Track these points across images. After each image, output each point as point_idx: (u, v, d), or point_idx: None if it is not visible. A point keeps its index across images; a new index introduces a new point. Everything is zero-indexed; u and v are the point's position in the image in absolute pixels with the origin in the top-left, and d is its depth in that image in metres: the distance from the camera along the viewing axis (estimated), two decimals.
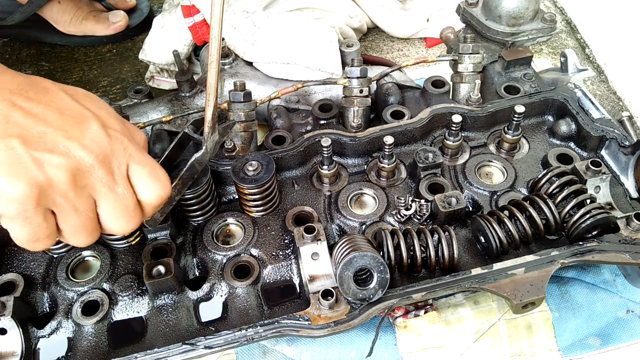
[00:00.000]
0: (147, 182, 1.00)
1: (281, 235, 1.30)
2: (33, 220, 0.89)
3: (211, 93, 1.15)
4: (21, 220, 0.88)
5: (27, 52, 2.26)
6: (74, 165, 0.90)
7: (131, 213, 0.99)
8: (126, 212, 0.98)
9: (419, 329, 1.20)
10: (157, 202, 1.03)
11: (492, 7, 1.58)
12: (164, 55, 1.85)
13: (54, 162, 0.88)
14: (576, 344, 1.22)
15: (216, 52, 1.12)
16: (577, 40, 2.12)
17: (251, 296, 1.21)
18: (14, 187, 0.85)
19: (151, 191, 1.00)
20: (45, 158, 0.88)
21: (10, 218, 0.88)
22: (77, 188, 0.91)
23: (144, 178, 0.99)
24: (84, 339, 1.17)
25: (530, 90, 1.52)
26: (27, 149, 0.86)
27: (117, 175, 0.96)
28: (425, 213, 1.28)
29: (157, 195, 1.01)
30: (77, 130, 0.92)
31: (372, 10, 2.02)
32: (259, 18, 1.71)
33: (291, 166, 1.41)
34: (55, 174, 0.88)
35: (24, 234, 0.91)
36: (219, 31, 1.11)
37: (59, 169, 0.89)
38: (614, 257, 1.13)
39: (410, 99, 1.64)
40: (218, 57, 1.13)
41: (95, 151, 0.92)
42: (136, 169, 0.99)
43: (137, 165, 0.99)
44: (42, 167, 0.87)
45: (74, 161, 0.90)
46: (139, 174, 0.99)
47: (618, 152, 1.35)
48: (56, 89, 0.96)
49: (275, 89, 1.60)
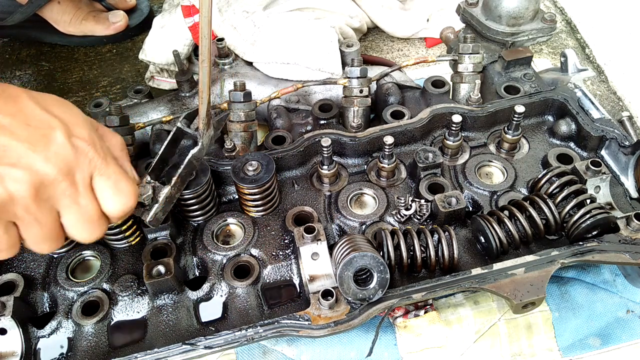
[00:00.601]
0: (110, 194, 1.00)
1: (281, 235, 1.30)
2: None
3: (204, 90, 1.16)
4: None
5: (27, 52, 2.26)
6: (37, 179, 0.90)
7: (95, 223, 1.00)
8: (89, 223, 0.99)
9: (419, 329, 1.20)
10: (120, 213, 1.03)
11: (492, 7, 1.58)
12: (164, 55, 1.85)
13: (15, 177, 0.88)
14: (576, 344, 1.22)
15: (207, 51, 1.13)
16: (577, 40, 2.12)
17: (251, 296, 1.21)
18: None
19: (114, 202, 1.01)
20: (6, 172, 0.88)
21: None
22: (39, 201, 0.91)
23: (107, 190, 1.00)
24: (84, 339, 1.17)
25: (530, 90, 1.52)
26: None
27: (80, 187, 0.96)
28: (425, 213, 1.28)
29: (121, 206, 1.02)
30: (42, 142, 0.92)
31: (372, 10, 2.02)
32: (259, 18, 1.71)
33: (291, 166, 1.41)
34: (16, 188, 0.88)
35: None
36: (208, 30, 1.11)
37: (21, 184, 0.88)
38: (614, 257, 1.13)
39: (410, 99, 1.64)
40: (209, 56, 1.14)
41: (59, 164, 0.92)
42: (99, 180, 0.99)
43: (101, 177, 0.99)
44: (3, 181, 0.87)
45: (36, 175, 0.90)
46: (103, 186, 0.99)
47: (618, 152, 1.35)
48: (25, 98, 0.95)
49: (275, 89, 1.60)
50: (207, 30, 1.11)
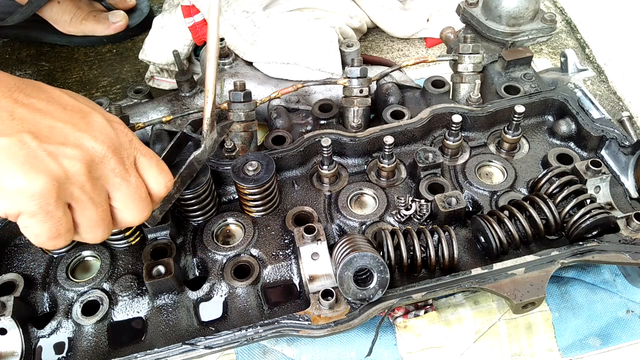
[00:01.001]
0: (154, 172, 1.02)
1: (281, 235, 1.30)
2: (54, 215, 0.88)
3: (210, 90, 1.16)
4: (42, 215, 0.87)
5: (27, 52, 2.26)
6: (88, 156, 0.90)
7: (143, 202, 1.01)
8: (139, 202, 1.00)
9: (419, 329, 1.20)
10: (164, 192, 1.05)
11: (492, 7, 1.58)
12: (164, 55, 1.85)
13: (68, 154, 0.88)
14: (576, 344, 1.22)
15: (214, 50, 1.13)
16: (577, 40, 2.12)
17: (251, 296, 1.21)
18: (33, 182, 0.84)
19: (159, 182, 1.03)
20: (60, 151, 0.87)
21: (31, 214, 0.86)
22: (92, 179, 0.91)
23: (152, 168, 1.01)
24: (84, 339, 1.17)
25: (530, 90, 1.52)
26: (40, 143, 0.86)
27: (127, 166, 0.97)
28: (425, 213, 1.28)
29: (164, 185, 1.04)
30: (84, 123, 0.92)
31: (372, 10, 2.02)
32: (259, 18, 1.71)
33: (291, 166, 1.41)
34: (71, 166, 0.88)
35: (45, 231, 0.89)
36: (216, 30, 1.11)
37: (75, 161, 0.88)
38: (614, 257, 1.13)
39: (410, 99, 1.64)
40: (216, 55, 1.14)
41: (106, 142, 0.93)
42: (143, 160, 1.00)
43: (145, 158, 1.00)
44: (58, 159, 0.87)
45: (87, 152, 0.90)
46: (147, 165, 1.01)
47: (618, 152, 1.35)
48: (51, 88, 0.96)
49: (275, 89, 1.60)
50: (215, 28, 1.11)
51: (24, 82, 0.92)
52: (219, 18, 1.12)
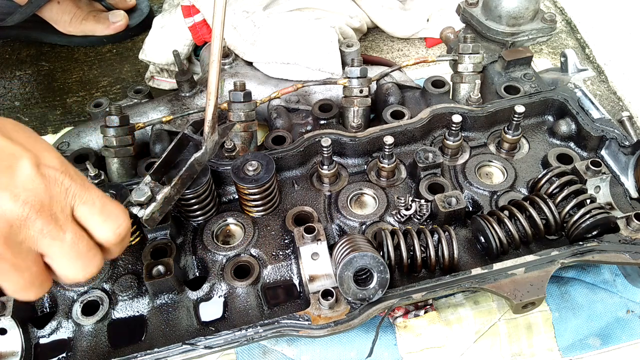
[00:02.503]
0: (99, 222, 0.89)
1: (281, 235, 1.30)
2: None
3: (212, 92, 1.16)
4: None
5: (27, 52, 2.26)
6: (5, 221, 0.79)
7: (85, 257, 0.88)
8: (80, 258, 0.87)
9: (419, 329, 1.20)
10: (117, 238, 0.91)
11: (492, 7, 1.58)
12: (164, 55, 1.85)
13: None
14: (576, 344, 1.22)
15: (217, 52, 1.12)
16: (577, 40, 2.12)
17: (251, 296, 1.21)
18: None
19: (106, 230, 0.90)
20: None
21: None
22: (12, 245, 0.80)
23: (95, 217, 0.88)
24: (84, 339, 1.17)
25: (530, 90, 1.52)
26: None
27: (61, 222, 0.84)
28: (425, 213, 1.28)
29: (113, 232, 0.90)
30: (7, 175, 0.80)
31: (372, 10, 2.02)
32: (259, 18, 1.71)
33: (291, 166, 1.41)
34: None
35: None
36: (220, 31, 1.11)
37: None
38: (614, 257, 1.13)
39: (410, 99, 1.64)
40: (219, 56, 1.13)
41: (30, 200, 0.80)
42: (84, 210, 0.87)
43: (85, 206, 0.87)
44: None
45: (3, 217, 0.79)
46: (89, 215, 0.88)
47: (618, 152, 1.35)
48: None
49: (275, 89, 1.60)
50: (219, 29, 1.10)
51: None
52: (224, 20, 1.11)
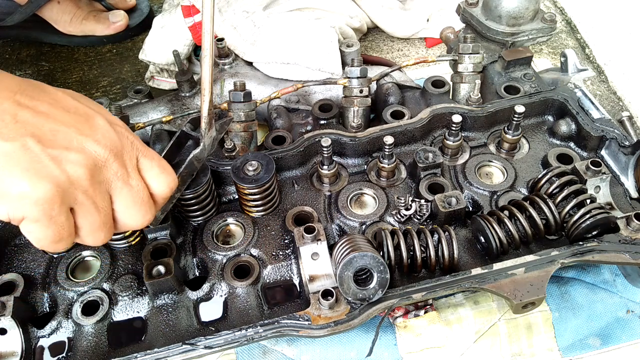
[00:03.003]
0: (157, 174, 1.01)
1: (281, 235, 1.30)
2: (57, 221, 0.87)
3: (206, 89, 1.16)
4: (45, 221, 0.86)
5: (27, 52, 2.26)
6: (91, 160, 0.90)
7: (145, 205, 1.00)
8: (141, 205, 0.99)
9: (419, 329, 1.20)
10: (167, 193, 1.04)
11: (492, 7, 1.58)
12: (164, 55, 1.85)
13: (71, 159, 0.87)
14: (576, 344, 1.22)
15: (209, 47, 1.13)
16: (577, 40, 2.12)
17: (251, 296, 1.21)
18: (37, 188, 0.83)
19: (162, 183, 1.02)
20: (63, 155, 0.87)
21: (34, 220, 0.86)
22: (95, 184, 0.91)
23: (154, 170, 1.01)
24: (84, 339, 1.17)
25: (530, 90, 1.52)
26: (43, 148, 0.85)
27: (129, 169, 0.96)
28: (425, 213, 1.28)
29: (168, 186, 1.03)
30: (87, 126, 0.92)
31: (372, 10, 2.02)
32: (259, 18, 1.71)
33: (291, 166, 1.41)
34: (74, 170, 0.87)
35: (47, 235, 0.88)
36: (210, 27, 1.11)
37: (78, 166, 0.88)
38: (614, 257, 1.13)
39: (410, 99, 1.64)
40: (211, 52, 1.14)
41: (109, 146, 0.93)
42: (146, 162, 1.00)
43: (146, 159, 1.00)
44: (61, 164, 0.86)
45: (90, 157, 0.90)
46: (149, 167, 1.00)
47: (618, 152, 1.35)
48: (54, 90, 0.95)
49: (275, 89, 1.60)
50: (209, 26, 1.11)
51: (27, 83, 0.91)
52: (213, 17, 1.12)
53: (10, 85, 0.88)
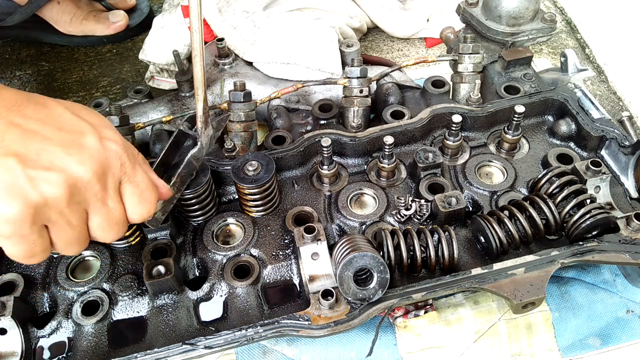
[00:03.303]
0: (135, 201, 1.01)
1: (281, 235, 1.30)
2: (28, 238, 0.89)
3: (199, 88, 1.16)
4: (16, 239, 0.88)
5: (27, 52, 2.26)
6: (71, 181, 0.90)
7: (118, 226, 1.01)
8: (114, 225, 1.00)
9: (419, 329, 1.20)
10: (141, 219, 1.05)
11: (492, 7, 1.58)
12: (164, 55, 1.85)
13: (51, 180, 0.88)
14: (576, 344, 1.22)
15: (199, 46, 1.13)
16: (577, 40, 2.12)
17: (251, 296, 1.21)
18: (8, 207, 0.85)
19: (138, 210, 1.02)
20: (42, 176, 0.87)
21: (6, 237, 0.88)
22: (72, 204, 0.92)
23: (133, 197, 1.01)
24: (84, 339, 1.17)
25: (530, 90, 1.52)
26: (23, 168, 0.86)
27: (110, 191, 0.97)
28: (425, 213, 1.28)
29: (143, 213, 1.03)
30: (76, 145, 0.92)
31: (372, 10, 2.02)
32: (259, 18, 1.71)
33: (291, 166, 1.41)
34: (51, 191, 0.88)
35: (19, 252, 0.91)
36: (199, 25, 1.11)
37: (56, 187, 0.88)
38: (614, 257, 1.13)
39: (410, 99, 1.64)
40: (201, 50, 1.14)
41: (94, 167, 0.92)
42: (128, 187, 1.00)
43: (130, 185, 1.00)
44: (38, 185, 0.87)
45: (70, 177, 0.90)
46: (130, 192, 1.00)
47: (618, 152, 1.35)
48: (54, 104, 0.95)
49: (275, 89, 1.60)
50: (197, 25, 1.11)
51: (24, 98, 0.92)
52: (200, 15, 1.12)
53: (7, 101, 0.89)
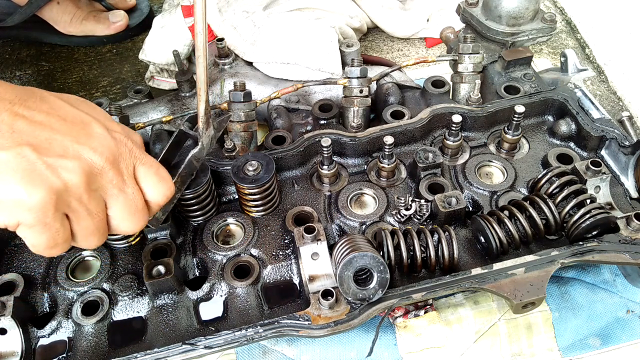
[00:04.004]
0: (153, 182, 1.02)
1: (281, 235, 1.30)
2: (52, 227, 0.89)
3: (202, 88, 1.16)
4: (40, 227, 0.88)
5: (27, 52, 2.26)
6: (87, 168, 0.91)
7: (139, 212, 1.01)
8: (135, 212, 1.00)
9: (419, 329, 1.20)
10: (162, 201, 1.05)
11: (492, 7, 1.58)
12: (164, 55, 1.85)
13: (67, 167, 0.89)
14: (576, 344, 1.22)
15: (202, 48, 1.13)
16: (577, 40, 2.12)
17: (251, 296, 1.21)
18: (32, 194, 0.85)
19: (157, 191, 1.03)
20: (59, 163, 0.88)
21: (29, 226, 0.88)
22: (90, 191, 0.92)
23: (150, 178, 1.02)
24: (84, 339, 1.17)
25: (530, 90, 1.52)
26: (39, 156, 0.86)
27: (125, 176, 0.98)
28: (425, 213, 1.28)
29: (163, 194, 1.04)
30: (84, 134, 0.93)
31: (372, 10, 2.02)
32: (259, 18, 1.71)
33: (291, 166, 1.41)
34: (70, 178, 0.89)
35: (42, 241, 0.90)
36: (203, 27, 1.12)
37: (73, 173, 0.89)
38: (614, 257, 1.13)
39: (410, 99, 1.64)
40: (205, 52, 1.14)
41: (105, 153, 0.94)
42: (142, 170, 1.01)
43: (144, 167, 1.01)
44: (57, 172, 0.88)
45: (86, 164, 0.91)
46: (146, 175, 1.01)
47: (618, 152, 1.35)
48: (53, 98, 0.96)
49: (275, 89, 1.60)
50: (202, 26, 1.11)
51: (25, 92, 0.92)
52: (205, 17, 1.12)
53: (8, 95, 0.89)
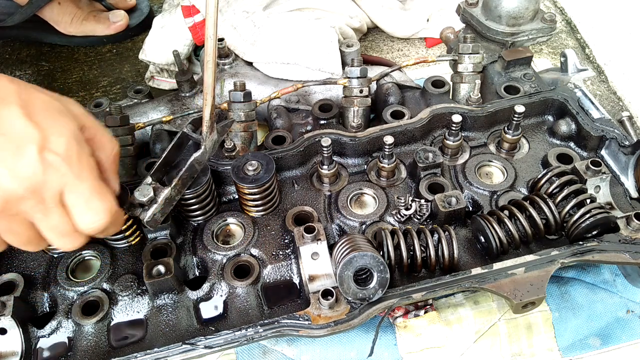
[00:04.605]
0: (81, 210, 0.96)
1: (281, 235, 1.30)
2: None
3: (208, 92, 1.16)
4: None
5: (27, 52, 2.26)
6: (2, 195, 0.89)
7: (70, 236, 0.98)
8: (63, 236, 0.98)
9: (419, 329, 1.20)
10: (93, 230, 0.99)
11: (492, 7, 1.58)
12: (164, 55, 1.85)
13: None
14: (576, 344, 1.22)
15: (212, 52, 1.13)
16: (577, 40, 2.12)
17: (251, 296, 1.21)
18: None
19: (86, 219, 0.97)
20: None
21: None
22: (7, 215, 0.91)
23: (78, 207, 0.96)
24: (84, 339, 1.17)
25: (530, 90, 1.52)
26: None
27: (49, 204, 0.93)
28: (425, 213, 1.28)
29: (93, 223, 0.98)
30: (12, 156, 0.89)
31: (372, 10, 2.02)
32: (259, 18, 1.71)
33: (291, 166, 1.41)
34: None
35: None
36: (214, 31, 1.11)
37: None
38: (614, 257, 1.13)
39: (410, 99, 1.64)
40: (214, 56, 1.14)
41: (25, 183, 0.89)
42: (70, 197, 0.95)
43: (72, 194, 0.95)
44: None
45: (2, 191, 0.89)
46: (73, 203, 0.95)
47: (618, 152, 1.35)
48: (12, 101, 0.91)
49: (275, 89, 1.60)
50: (212, 30, 1.11)
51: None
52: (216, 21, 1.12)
53: None
